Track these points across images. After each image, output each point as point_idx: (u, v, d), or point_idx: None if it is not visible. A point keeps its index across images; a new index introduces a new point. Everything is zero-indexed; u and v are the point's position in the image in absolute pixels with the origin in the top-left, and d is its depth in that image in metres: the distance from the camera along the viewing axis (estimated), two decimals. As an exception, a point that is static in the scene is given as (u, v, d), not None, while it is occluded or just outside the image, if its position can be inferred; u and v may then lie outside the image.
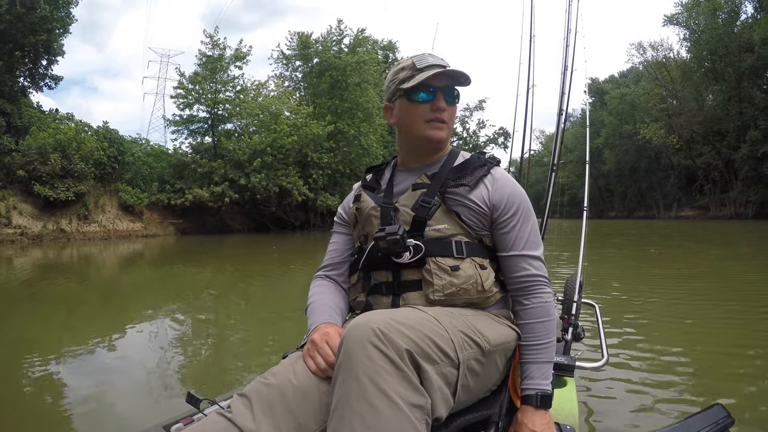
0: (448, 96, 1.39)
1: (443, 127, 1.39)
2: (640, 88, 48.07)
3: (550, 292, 1.37)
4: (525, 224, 1.37)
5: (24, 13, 21.37)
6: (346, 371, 0.95)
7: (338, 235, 1.59)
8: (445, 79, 1.38)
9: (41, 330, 5.07)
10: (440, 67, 1.36)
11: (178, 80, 27.72)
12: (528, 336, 1.33)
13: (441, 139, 1.40)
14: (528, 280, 1.34)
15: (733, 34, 36.45)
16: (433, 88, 1.37)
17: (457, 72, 1.37)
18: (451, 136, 1.49)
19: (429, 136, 1.39)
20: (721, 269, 8.75)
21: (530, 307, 1.34)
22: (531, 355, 1.32)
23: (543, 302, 1.34)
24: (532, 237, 1.37)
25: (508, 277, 1.39)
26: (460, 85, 1.41)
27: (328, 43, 32.48)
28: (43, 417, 2.87)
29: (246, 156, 25.78)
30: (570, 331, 2.15)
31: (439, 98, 1.37)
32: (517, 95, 3.38)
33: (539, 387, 1.28)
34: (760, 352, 3.61)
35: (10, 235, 19.24)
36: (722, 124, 40.01)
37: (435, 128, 1.38)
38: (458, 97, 1.43)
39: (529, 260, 1.35)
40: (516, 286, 1.37)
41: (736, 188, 37.78)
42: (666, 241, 16.44)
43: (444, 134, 1.41)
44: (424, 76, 1.35)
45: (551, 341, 1.33)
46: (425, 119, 1.38)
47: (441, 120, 1.38)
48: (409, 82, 1.37)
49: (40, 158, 20.48)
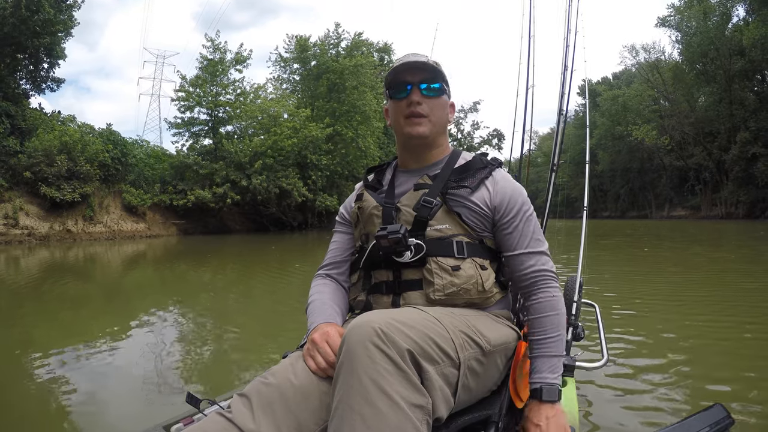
0: (424, 89, 1.39)
1: (421, 121, 1.39)
2: (632, 90, 48.20)
3: (557, 287, 1.37)
4: (527, 223, 1.38)
5: (28, 16, 21.37)
6: (347, 371, 0.95)
7: (339, 234, 1.59)
8: (420, 72, 1.39)
9: (46, 329, 5.14)
10: (409, 63, 1.39)
11: (180, 83, 28.25)
12: (536, 330, 1.33)
13: (420, 134, 1.40)
14: (535, 275, 1.35)
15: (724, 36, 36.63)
16: (409, 85, 1.39)
17: (419, 63, 1.39)
18: (442, 131, 1.48)
19: (408, 133, 1.40)
20: (721, 269, 8.64)
21: (537, 301, 1.34)
22: (539, 349, 1.32)
23: (550, 296, 1.34)
24: (535, 234, 1.38)
25: (515, 275, 1.39)
26: (435, 75, 1.41)
27: (326, 46, 32.79)
28: (44, 416, 2.88)
29: (247, 158, 26.25)
30: (570, 331, 2.10)
31: (413, 92, 1.38)
32: (517, 95, 3.28)
33: (544, 380, 1.28)
34: (760, 352, 3.59)
35: (18, 236, 19.57)
36: (713, 126, 40.27)
37: (413, 123, 1.39)
38: (440, 89, 1.42)
39: (534, 256, 1.36)
40: (524, 283, 1.37)
41: (727, 188, 37.89)
42: (663, 242, 16.43)
43: (424, 129, 1.39)
44: (393, 74, 1.41)
45: (559, 335, 1.32)
46: (404, 116, 1.40)
47: (417, 114, 1.38)
48: (389, 83, 1.44)
49: (46, 160, 20.75)
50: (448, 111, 1.49)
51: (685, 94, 43.17)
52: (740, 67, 36.23)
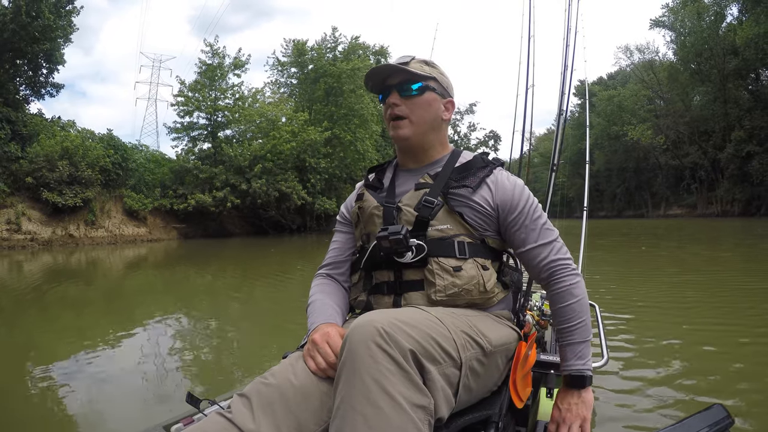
0: (402, 91, 1.39)
1: (401, 123, 1.39)
2: (627, 90, 48.34)
3: (575, 273, 1.36)
4: (534, 216, 1.37)
5: (28, 22, 21.31)
6: (349, 371, 0.95)
7: (340, 234, 1.59)
8: (397, 75, 1.40)
9: (48, 332, 5.21)
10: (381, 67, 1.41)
11: (179, 88, 28.42)
12: (560, 320, 1.34)
13: (401, 137, 1.40)
14: (551, 266, 1.35)
15: (718, 36, 36.84)
16: (387, 90, 1.40)
17: (391, 66, 1.40)
18: (429, 130, 1.44)
19: (392, 136, 1.42)
20: (720, 269, 8.67)
21: (557, 291, 1.34)
22: (564, 338, 1.34)
23: (568, 284, 1.33)
24: (544, 225, 1.38)
25: (531, 269, 1.39)
26: (413, 76, 1.39)
27: (323, 50, 32.93)
28: (45, 416, 2.92)
29: (247, 162, 26.47)
30: None
31: (391, 95, 1.39)
32: (517, 95, 3.30)
33: (572, 368, 1.31)
34: (760, 352, 3.61)
35: (21, 241, 19.67)
36: (708, 125, 40.52)
37: (394, 126, 1.40)
38: (420, 87, 1.39)
39: (547, 247, 1.36)
40: (542, 275, 1.37)
41: (723, 187, 38.10)
42: (660, 241, 16.45)
43: (404, 131, 1.40)
44: (374, 79, 1.43)
45: (582, 321, 1.32)
46: (388, 119, 1.42)
47: (395, 116, 1.39)
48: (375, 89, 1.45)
49: (48, 165, 20.83)
50: (439, 108, 1.44)
51: (680, 93, 43.43)
52: (734, 66, 36.50)
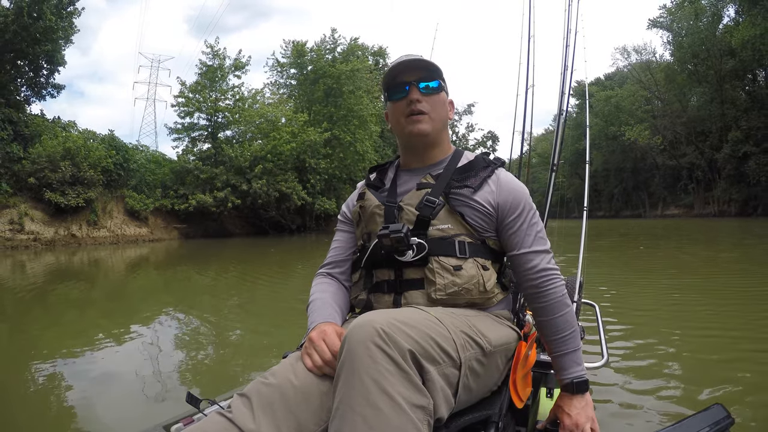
0: (423, 87, 1.40)
1: (422, 118, 1.39)
2: (624, 91, 48.53)
3: (563, 284, 1.38)
4: (531, 222, 1.38)
5: (30, 23, 21.39)
6: (348, 371, 0.95)
7: (341, 233, 1.58)
8: (417, 71, 1.40)
9: (50, 331, 5.23)
10: (405, 62, 1.41)
11: (179, 89, 28.52)
12: (552, 331, 1.36)
13: (422, 132, 1.40)
14: (540, 275, 1.35)
15: (714, 37, 37.00)
16: (407, 86, 1.40)
17: (414, 61, 1.40)
18: (443, 128, 1.47)
19: (410, 131, 1.40)
20: (720, 269, 8.69)
21: (547, 303, 1.35)
22: (559, 348, 1.36)
23: (558, 296, 1.35)
24: (539, 233, 1.39)
25: (520, 274, 1.39)
26: (432, 73, 1.42)
27: (322, 51, 33.07)
28: (46, 415, 2.93)
29: (247, 162, 26.65)
30: None
31: (412, 91, 1.38)
32: (517, 95, 3.30)
33: (572, 375, 1.34)
34: (760, 352, 3.60)
35: (24, 241, 19.81)
36: (705, 125, 40.73)
37: (414, 121, 1.39)
38: (438, 86, 1.42)
39: (539, 255, 1.36)
40: (529, 283, 1.37)
41: (720, 187, 38.25)
42: (659, 240, 16.46)
43: (426, 126, 1.40)
44: (390, 76, 1.43)
45: (573, 330, 1.35)
46: (405, 115, 1.40)
47: (418, 111, 1.38)
48: (386, 85, 1.45)
49: (50, 166, 20.98)
50: (448, 108, 1.49)
51: (677, 94, 43.68)
52: (731, 67, 36.73)
